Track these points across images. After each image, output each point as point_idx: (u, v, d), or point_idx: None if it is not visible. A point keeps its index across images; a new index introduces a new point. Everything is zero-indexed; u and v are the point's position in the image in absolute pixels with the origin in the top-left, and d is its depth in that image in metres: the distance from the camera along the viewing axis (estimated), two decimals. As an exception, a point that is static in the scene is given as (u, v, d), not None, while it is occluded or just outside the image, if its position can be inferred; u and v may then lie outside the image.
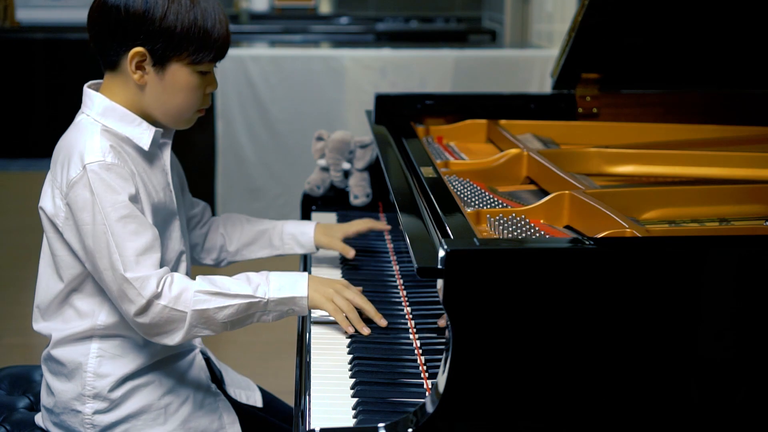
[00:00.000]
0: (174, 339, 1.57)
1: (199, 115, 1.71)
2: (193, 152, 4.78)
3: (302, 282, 1.62)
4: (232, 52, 1.73)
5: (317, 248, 1.97)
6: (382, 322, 1.64)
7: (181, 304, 1.54)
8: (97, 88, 1.68)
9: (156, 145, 1.68)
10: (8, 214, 5.27)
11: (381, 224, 2.02)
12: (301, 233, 1.96)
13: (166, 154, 1.71)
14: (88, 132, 1.61)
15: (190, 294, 1.55)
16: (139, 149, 1.65)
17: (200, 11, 1.61)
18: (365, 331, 1.62)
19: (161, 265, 1.58)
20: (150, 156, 1.68)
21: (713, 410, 1.32)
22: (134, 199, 1.58)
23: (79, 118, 1.66)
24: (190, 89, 1.65)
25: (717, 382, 1.31)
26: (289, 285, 1.61)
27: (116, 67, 1.64)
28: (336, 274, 1.96)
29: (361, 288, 1.71)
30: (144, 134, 1.64)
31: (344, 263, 2.01)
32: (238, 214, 2.00)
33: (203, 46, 1.62)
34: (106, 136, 1.60)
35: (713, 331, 1.30)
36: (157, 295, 1.54)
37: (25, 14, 6.85)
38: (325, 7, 7.61)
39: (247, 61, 4.65)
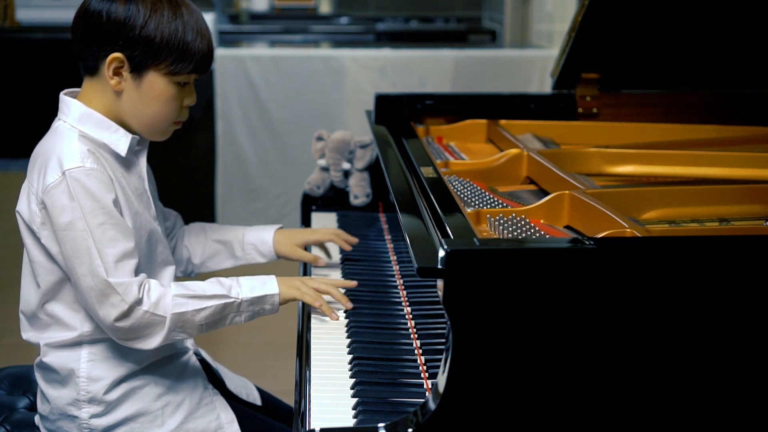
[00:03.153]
0: (151, 343, 1.58)
1: (175, 128, 1.72)
2: (193, 152, 4.78)
3: (271, 281, 1.68)
4: (232, 52, 1.75)
5: (278, 257, 1.97)
6: (348, 305, 1.72)
7: (160, 308, 1.57)
8: (74, 97, 1.68)
9: (132, 151, 1.68)
10: (8, 214, 5.26)
11: (347, 239, 1.98)
12: (260, 242, 1.95)
13: (143, 161, 1.72)
14: (65, 138, 1.61)
15: (168, 298, 1.58)
16: (116, 155, 1.65)
17: (182, 24, 1.62)
18: (334, 316, 1.70)
19: (142, 272, 1.60)
20: (127, 162, 1.68)
21: (713, 410, 1.32)
22: (114, 204, 1.59)
23: (56, 124, 1.67)
24: (166, 99, 1.66)
25: (717, 382, 1.31)
26: (260, 285, 1.67)
27: (95, 73, 1.65)
28: (336, 274, 1.96)
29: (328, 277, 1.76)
30: (121, 140, 1.65)
31: (345, 264, 2.00)
32: (202, 224, 1.99)
33: (182, 58, 1.63)
34: (83, 141, 1.61)
35: (713, 331, 1.30)
36: (139, 301, 1.55)
37: (25, 14, 6.85)
38: (325, 7, 7.61)
39: (247, 61, 4.65)
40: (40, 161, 1.61)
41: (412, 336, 1.64)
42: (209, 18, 4.93)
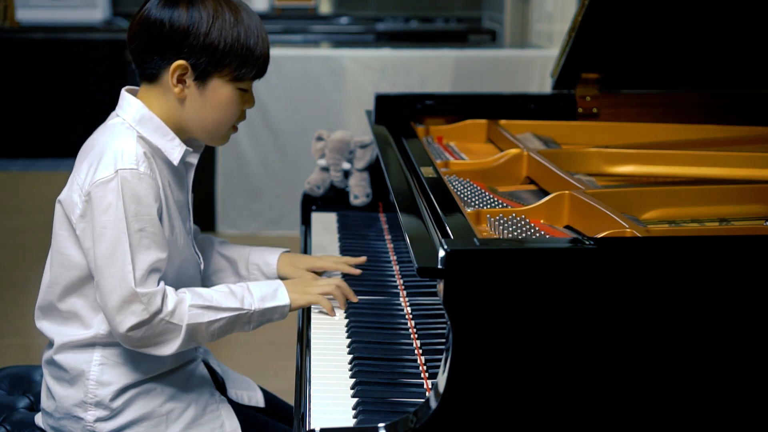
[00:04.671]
0: (166, 350, 1.58)
1: (233, 132, 1.72)
2: (193, 152, 4.78)
3: (282, 290, 1.68)
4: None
5: (281, 278, 1.93)
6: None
7: (176, 317, 1.56)
8: (133, 94, 1.67)
9: (183, 163, 1.68)
10: (8, 214, 5.27)
11: (354, 263, 1.91)
12: (265, 264, 1.93)
13: (191, 175, 1.72)
14: (123, 136, 1.60)
15: (185, 307, 1.57)
16: (168, 163, 1.65)
17: (243, 28, 1.62)
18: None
19: (169, 282, 1.60)
20: (177, 173, 1.68)
21: (713, 410, 1.32)
22: (157, 212, 1.58)
23: (114, 120, 1.65)
24: (229, 105, 1.65)
25: (717, 382, 1.31)
26: (270, 294, 1.66)
27: (155, 80, 1.64)
28: (336, 273, 1.96)
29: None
30: (175, 150, 1.65)
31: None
32: (211, 237, 1.96)
33: (245, 63, 1.63)
34: (141, 143, 1.60)
35: (713, 331, 1.30)
36: (159, 311, 1.55)
37: (25, 14, 6.85)
38: (325, 7, 7.61)
39: (247, 61, 4.65)
40: (94, 154, 1.59)
41: (412, 336, 1.64)
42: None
